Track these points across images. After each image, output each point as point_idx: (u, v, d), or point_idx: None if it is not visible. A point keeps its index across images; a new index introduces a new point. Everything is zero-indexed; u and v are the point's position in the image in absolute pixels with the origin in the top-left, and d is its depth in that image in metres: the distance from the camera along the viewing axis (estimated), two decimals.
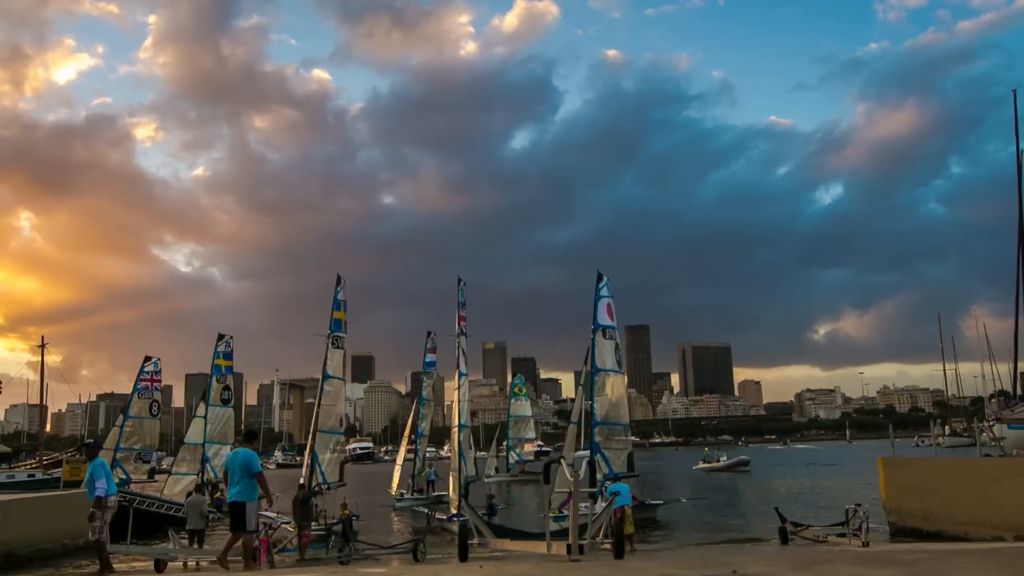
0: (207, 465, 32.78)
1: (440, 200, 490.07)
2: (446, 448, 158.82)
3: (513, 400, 65.42)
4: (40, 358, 50.64)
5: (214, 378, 34.48)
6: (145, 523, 26.19)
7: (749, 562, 5.66)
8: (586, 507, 21.94)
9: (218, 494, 32.58)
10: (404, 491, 36.81)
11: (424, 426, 38.84)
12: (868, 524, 17.40)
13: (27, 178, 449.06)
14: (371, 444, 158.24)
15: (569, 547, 9.73)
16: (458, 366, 26.77)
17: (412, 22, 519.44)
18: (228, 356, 35.37)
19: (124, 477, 31.02)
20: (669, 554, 15.37)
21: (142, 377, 34.57)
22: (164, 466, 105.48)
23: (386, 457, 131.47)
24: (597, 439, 22.99)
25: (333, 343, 25.73)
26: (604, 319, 24.10)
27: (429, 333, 37.68)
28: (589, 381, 23.77)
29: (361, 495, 33.42)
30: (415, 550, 15.94)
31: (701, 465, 67.57)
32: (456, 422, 26.29)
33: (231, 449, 33.39)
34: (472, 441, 30.61)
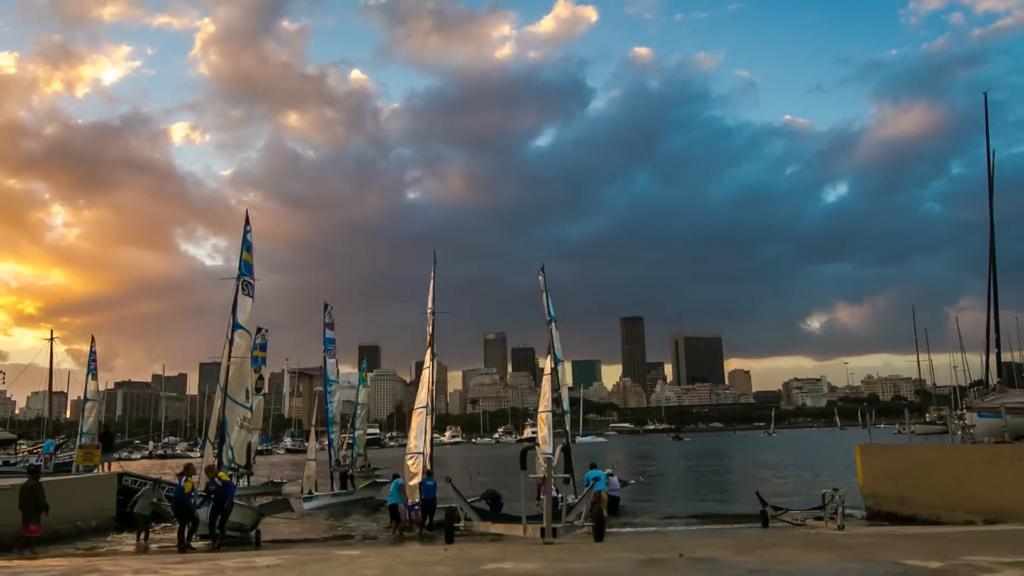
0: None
1: (464, 196, 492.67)
2: (448, 435, 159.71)
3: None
4: (49, 351, 50.46)
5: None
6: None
7: (697, 546, 5.61)
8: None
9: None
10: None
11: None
12: (844, 508, 17.41)
13: (67, 175, 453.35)
14: (378, 430, 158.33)
15: (543, 530, 9.89)
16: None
17: (452, 25, 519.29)
18: (263, 348, 35.55)
19: None
20: (640, 537, 15.31)
21: None
22: (178, 451, 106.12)
23: (391, 443, 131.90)
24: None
25: (242, 289, 22.51)
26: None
27: (326, 306, 35.02)
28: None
29: None
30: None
31: None
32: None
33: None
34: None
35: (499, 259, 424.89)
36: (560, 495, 21.41)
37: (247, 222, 23.85)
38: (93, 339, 34.91)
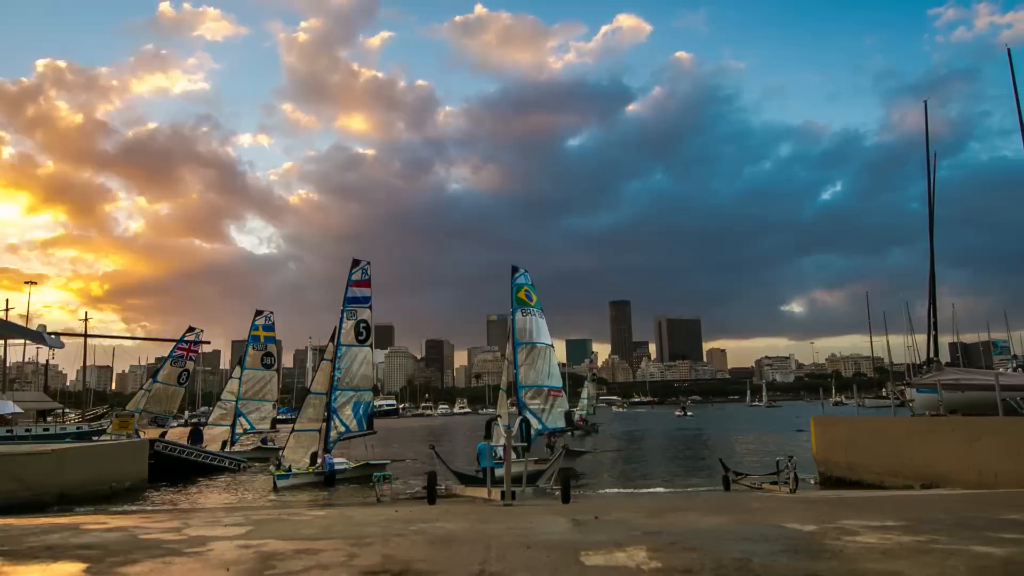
0: (240, 419, 31.64)
1: (499, 191, 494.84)
2: (457, 406, 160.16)
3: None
4: (84, 330, 50.38)
5: (250, 346, 33.08)
6: (180, 470, 26.39)
7: (615, 508, 5.59)
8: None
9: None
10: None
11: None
12: (796, 474, 17.49)
13: (138, 171, 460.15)
14: (395, 401, 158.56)
15: (503, 493, 10.19)
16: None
17: (518, 37, 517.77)
18: (268, 328, 34.53)
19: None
20: (591, 500, 15.31)
21: (180, 346, 33.26)
22: (211, 420, 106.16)
23: (406, 414, 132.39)
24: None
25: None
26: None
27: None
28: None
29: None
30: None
31: None
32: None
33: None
34: None
35: (523, 248, 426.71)
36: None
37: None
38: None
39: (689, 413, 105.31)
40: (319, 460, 22.49)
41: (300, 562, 3.35)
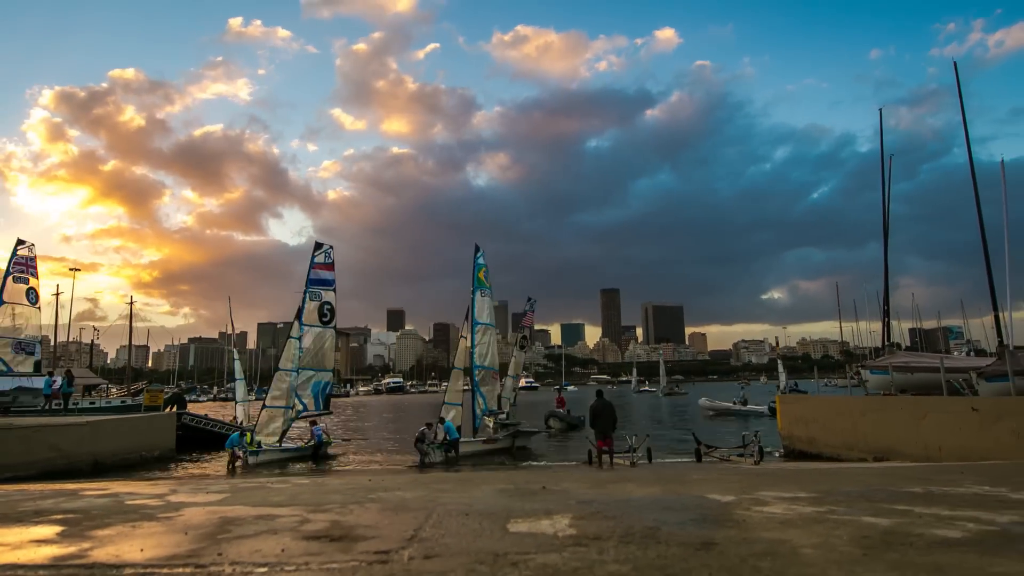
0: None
1: (522, 188, 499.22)
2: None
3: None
4: (129, 314, 50.36)
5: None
6: (205, 441, 26.44)
7: (562, 478, 5.54)
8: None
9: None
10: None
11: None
12: (760, 447, 17.56)
13: (189, 169, 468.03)
14: (401, 379, 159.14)
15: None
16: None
17: (558, 48, 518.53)
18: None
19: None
20: (546, 470, 15.26)
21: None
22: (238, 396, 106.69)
23: (412, 390, 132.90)
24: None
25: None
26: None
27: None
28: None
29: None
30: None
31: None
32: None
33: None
34: None
35: (535, 240, 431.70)
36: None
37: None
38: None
39: (682, 389, 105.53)
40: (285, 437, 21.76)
41: (254, 527, 3.33)
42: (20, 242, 27.06)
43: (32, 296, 27.88)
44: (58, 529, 3.41)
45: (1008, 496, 3.32)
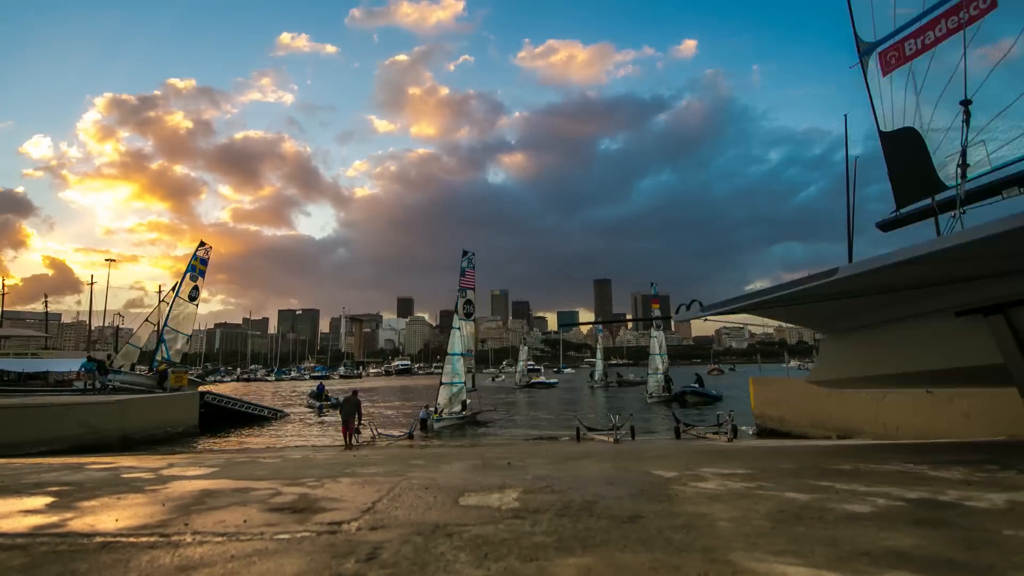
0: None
1: (536, 185, 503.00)
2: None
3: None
4: (157, 302, 50.19)
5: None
6: (226, 418, 26.52)
7: (525, 454, 5.52)
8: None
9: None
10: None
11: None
12: (734, 425, 17.57)
13: (227, 167, 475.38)
14: (409, 362, 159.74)
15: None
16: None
17: (585, 57, 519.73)
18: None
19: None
20: (521, 443, 15.24)
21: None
22: (259, 376, 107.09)
23: (419, 372, 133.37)
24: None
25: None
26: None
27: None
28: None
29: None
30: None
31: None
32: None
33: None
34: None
35: (544, 234, 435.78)
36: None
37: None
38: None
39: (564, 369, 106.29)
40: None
41: (228, 499, 3.31)
42: (201, 244, 28.55)
43: (194, 293, 30.47)
44: (49, 500, 3.40)
45: (927, 473, 3.30)
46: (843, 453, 4.65)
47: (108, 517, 2.92)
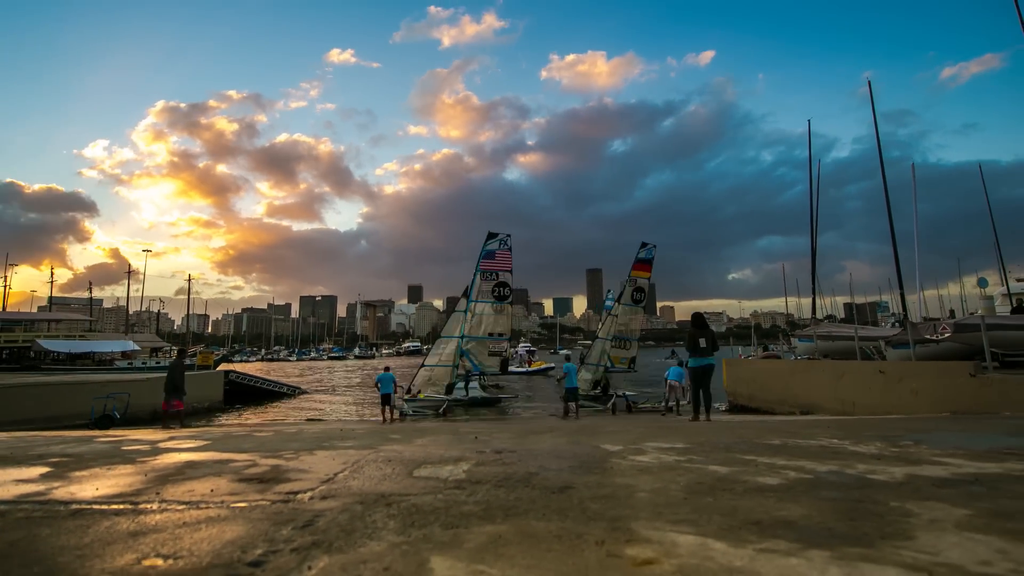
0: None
1: (548, 183, 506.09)
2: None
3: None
4: (187, 290, 50.27)
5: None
6: (249, 395, 26.64)
7: (495, 429, 5.49)
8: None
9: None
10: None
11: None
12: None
13: (265, 166, 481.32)
14: (419, 343, 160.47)
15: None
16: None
17: (600, 66, 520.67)
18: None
19: None
20: (487, 420, 15.16)
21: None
22: (281, 356, 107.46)
23: (427, 352, 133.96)
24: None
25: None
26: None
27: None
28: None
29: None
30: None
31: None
32: None
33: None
34: None
35: (551, 228, 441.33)
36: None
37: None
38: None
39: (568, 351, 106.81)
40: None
41: (207, 470, 3.29)
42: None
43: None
44: (44, 471, 3.39)
45: (845, 448, 3.26)
46: (783, 428, 4.62)
47: (91, 486, 2.90)
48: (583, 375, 22.16)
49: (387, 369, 17.86)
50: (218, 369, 29.90)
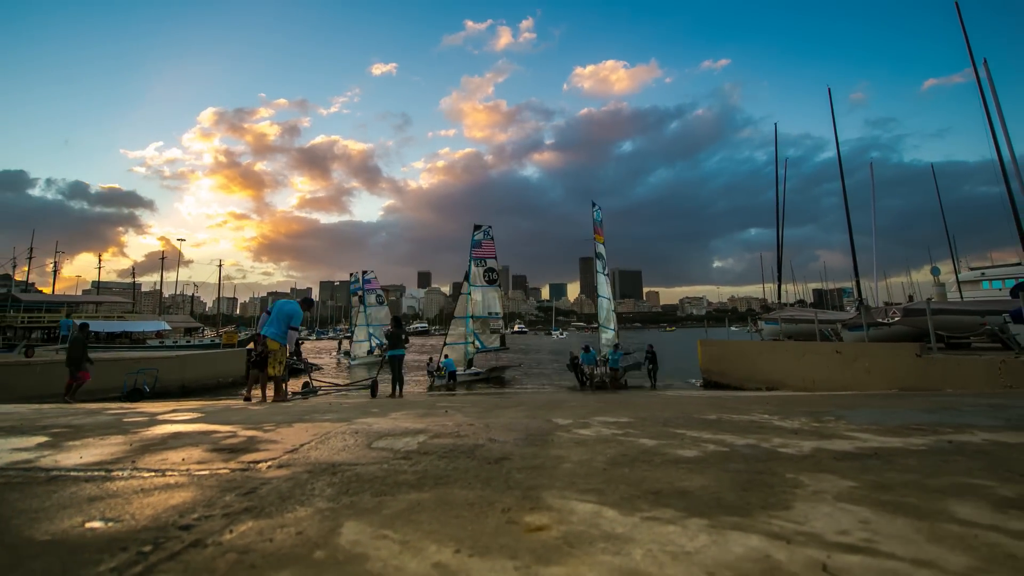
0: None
1: (558, 177, 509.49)
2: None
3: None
4: (218, 275, 50.30)
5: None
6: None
7: (468, 403, 5.45)
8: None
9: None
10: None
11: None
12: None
13: (300, 163, 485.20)
14: (427, 324, 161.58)
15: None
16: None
17: (620, 74, 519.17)
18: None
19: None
20: (466, 396, 15.32)
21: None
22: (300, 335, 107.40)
23: (435, 333, 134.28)
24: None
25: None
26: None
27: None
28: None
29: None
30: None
31: None
32: None
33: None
34: None
35: (559, 220, 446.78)
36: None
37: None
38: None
39: (563, 335, 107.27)
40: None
41: (188, 440, 3.27)
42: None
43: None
44: (42, 440, 3.37)
45: (772, 423, 3.23)
46: (727, 404, 4.59)
47: (77, 455, 2.88)
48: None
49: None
50: (244, 348, 30.04)
